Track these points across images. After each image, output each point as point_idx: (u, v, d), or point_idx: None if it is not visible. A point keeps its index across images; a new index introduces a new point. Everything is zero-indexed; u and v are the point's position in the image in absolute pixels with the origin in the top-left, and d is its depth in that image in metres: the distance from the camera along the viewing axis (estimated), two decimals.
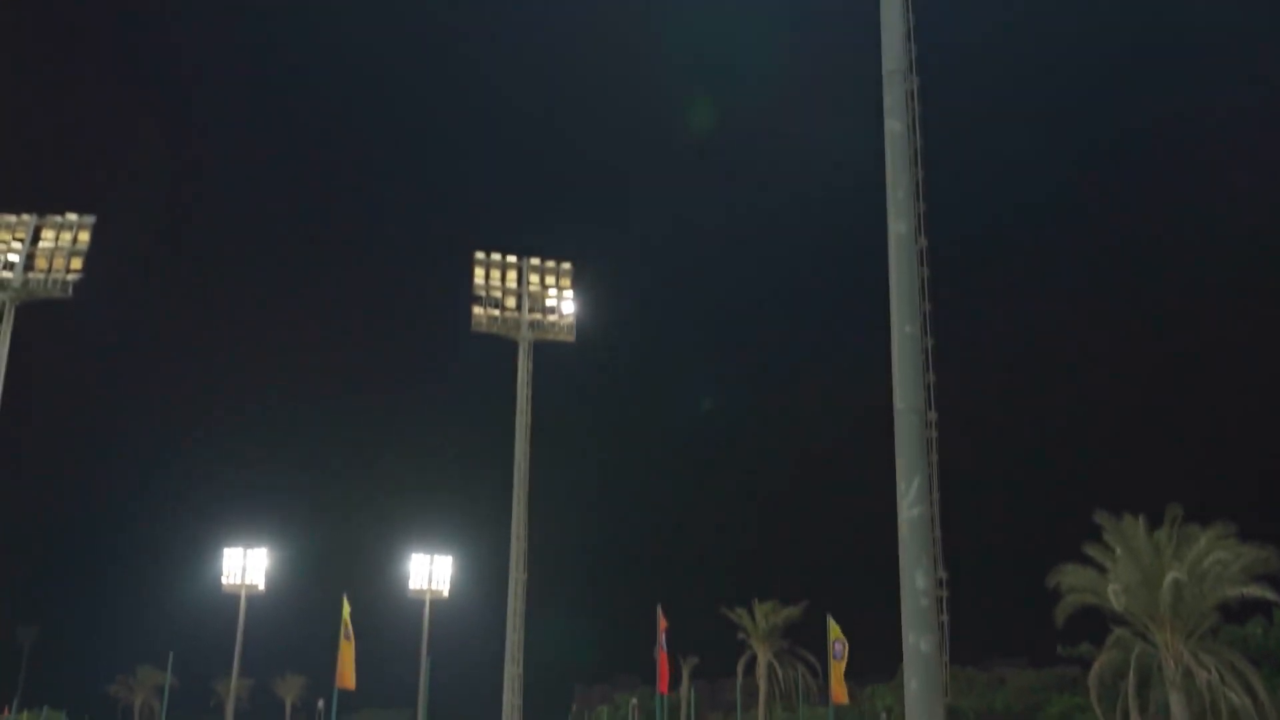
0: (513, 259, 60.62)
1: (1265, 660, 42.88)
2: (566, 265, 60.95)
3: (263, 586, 61.65)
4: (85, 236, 55.81)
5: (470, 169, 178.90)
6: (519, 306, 59.66)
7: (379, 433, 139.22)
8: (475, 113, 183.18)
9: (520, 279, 60.31)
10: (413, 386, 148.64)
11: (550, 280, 60.65)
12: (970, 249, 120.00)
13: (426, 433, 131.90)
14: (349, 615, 49.94)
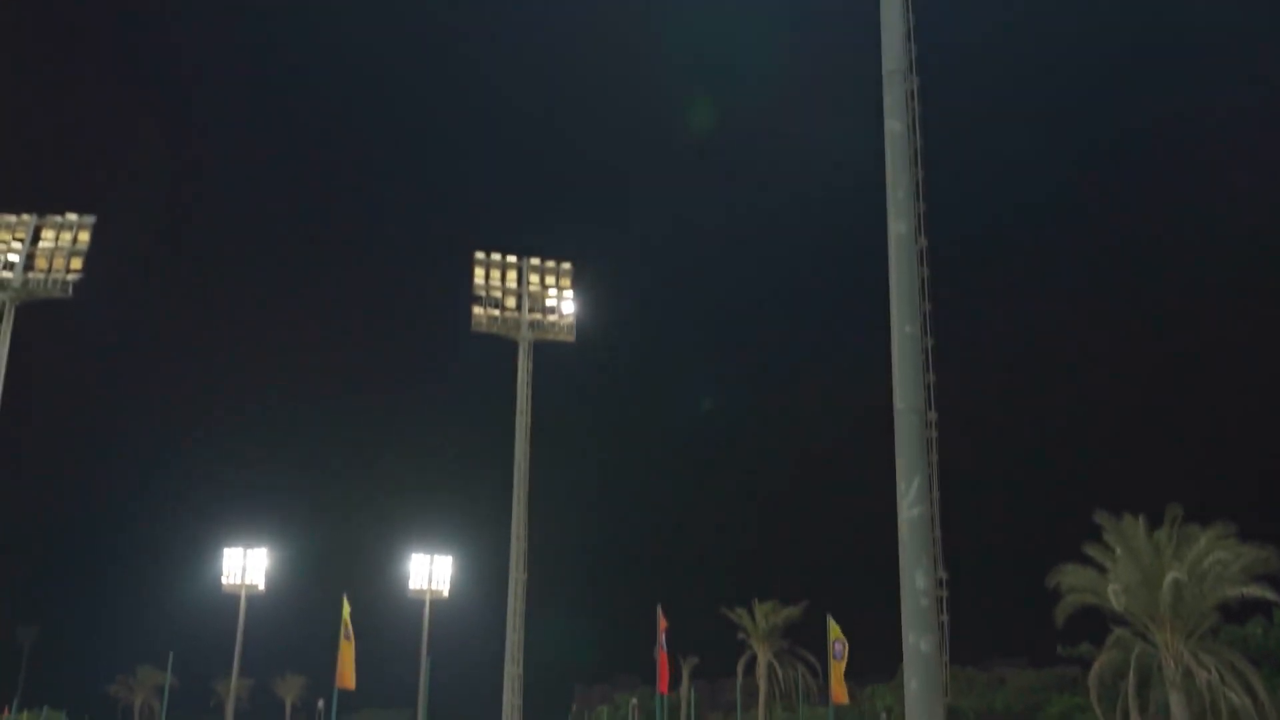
0: (513, 259, 60.62)
1: (1265, 660, 42.87)
2: (566, 265, 60.98)
3: (263, 586, 61.63)
4: (85, 236, 55.82)
5: (470, 169, 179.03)
6: (519, 306, 59.66)
7: (379, 433, 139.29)
8: (475, 113, 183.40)
9: (520, 279, 60.31)
10: (413, 386, 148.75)
11: (550, 280, 60.65)
12: (970, 249, 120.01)
13: (426, 433, 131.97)
14: (349, 615, 49.97)
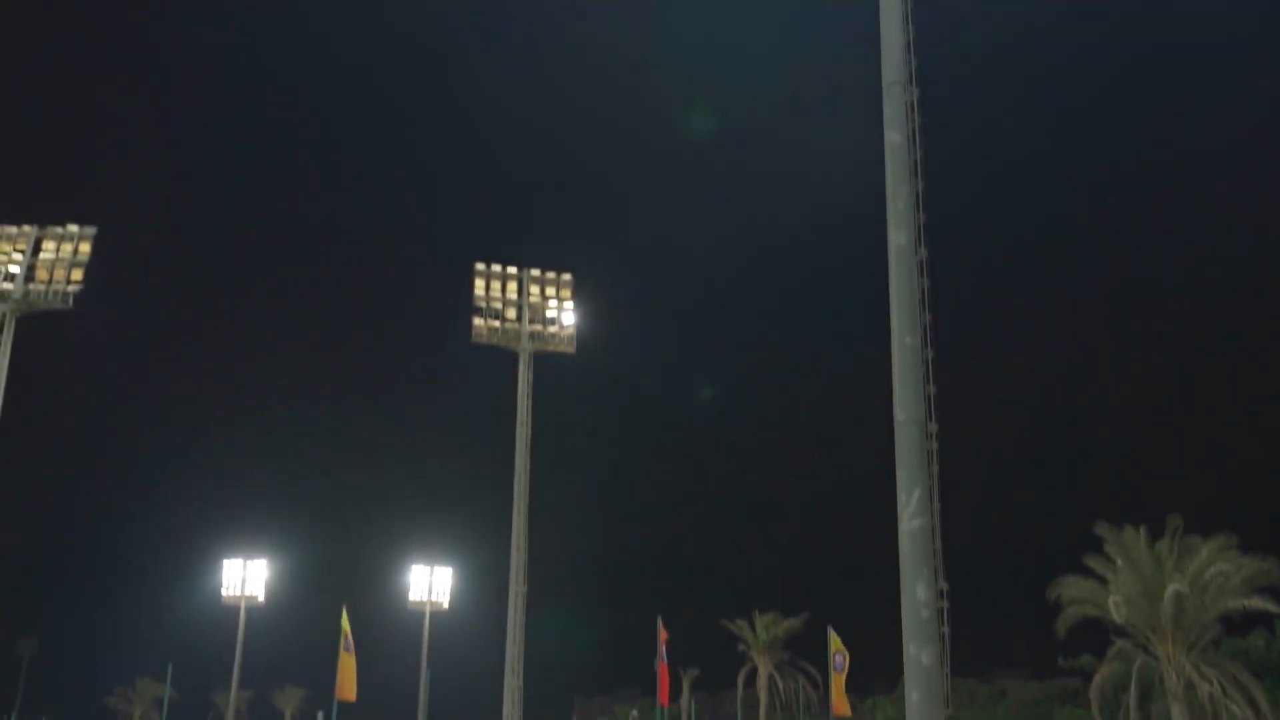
0: (513, 270, 60.63)
1: (1267, 673, 42.68)
2: (567, 276, 60.99)
3: (262, 598, 61.44)
4: (86, 248, 55.81)
5: (470, 179, 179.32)
6: (519, 318, 59.64)
7: (378, 444, 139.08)
8: (475, 123, 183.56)
9: (520, 290, 60.31)
10: (413, 397, 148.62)
11: (550, 291, 60.65)
12: (972, 259, 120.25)
13: (426, 444, 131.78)
14: (349, 627, 49.93)
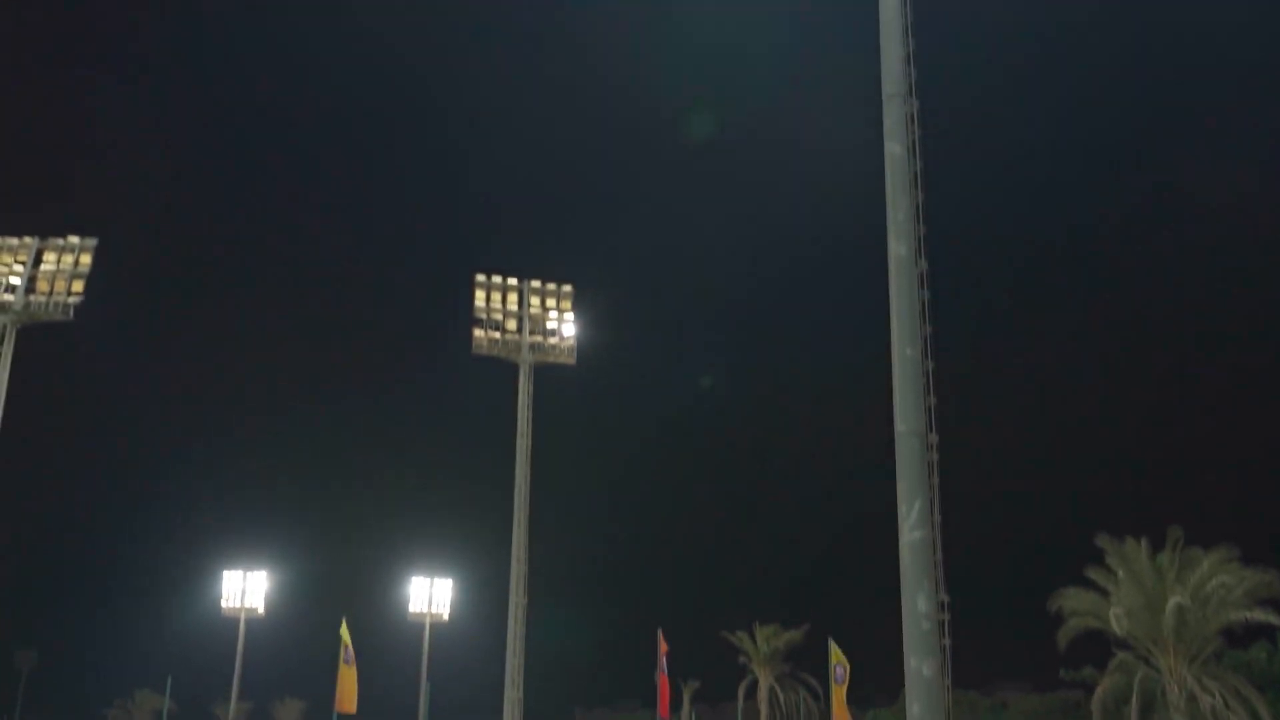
0: (513, 281, 60.60)
1: (1270, 685, 42.62)
2: (567, 288, 60.97)
3: (262, 610, 61.31)
4: (87, 259, 55.74)
5: (470, 190, 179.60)
6: (520, 329, 59.63)
7: (379, 455, 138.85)
8: (475, 134, 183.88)
9: (521, 301, 60.27)
10: (413, 409, 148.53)
11: (551, 303, 60.61)
12: (971, 270, 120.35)
13: (427, 455, 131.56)
14: (349, 639, 49.86)
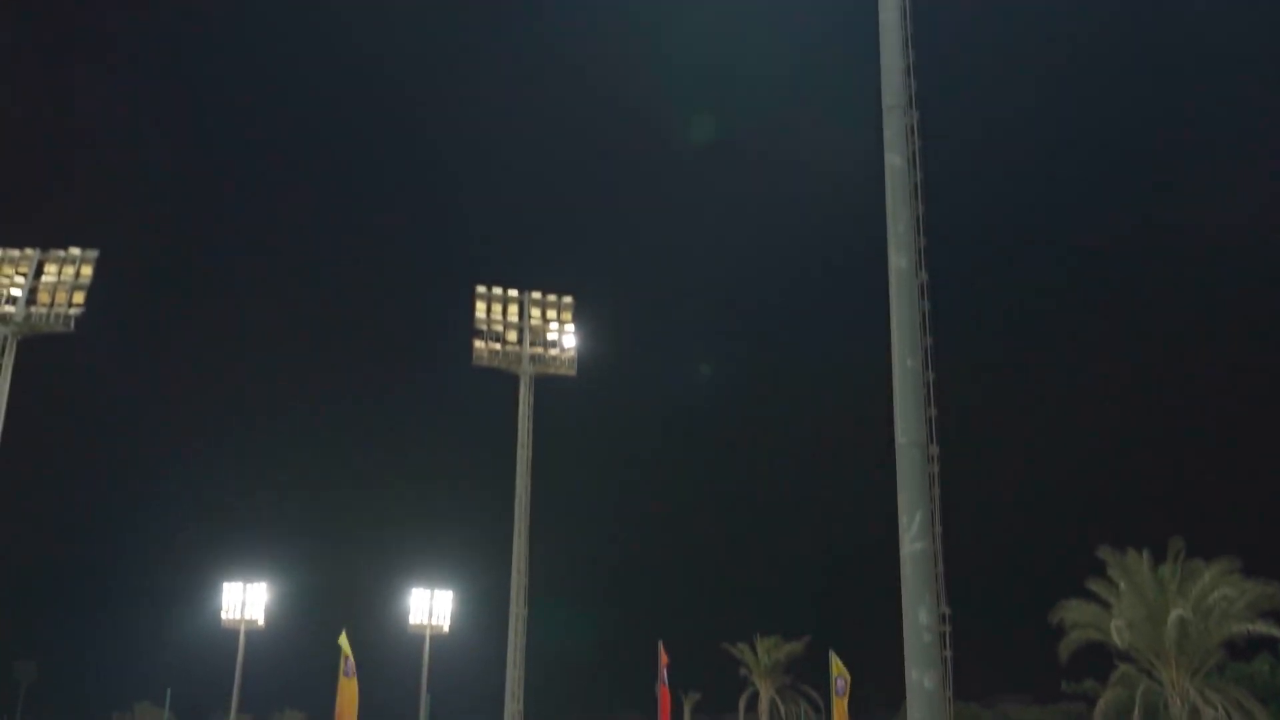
0: (514, 293, 60.63)
1: (1272, 698, 42.48)
2: (568, 299, 60.99)
3: (262, 621, 61.14)
4: (88, 271, 55.78)
5: (472, 201, 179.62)
6: (520, 340, 59.65)
7: (379, 466, 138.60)
8: (477, 146, 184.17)
9: (521, 313, 60.30)
10: (414, 420, 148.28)
11: (551, 314, 60.63)
12: (972, 276, 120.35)
13: (427, 467, 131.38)
14: (349, 650, 49.73)
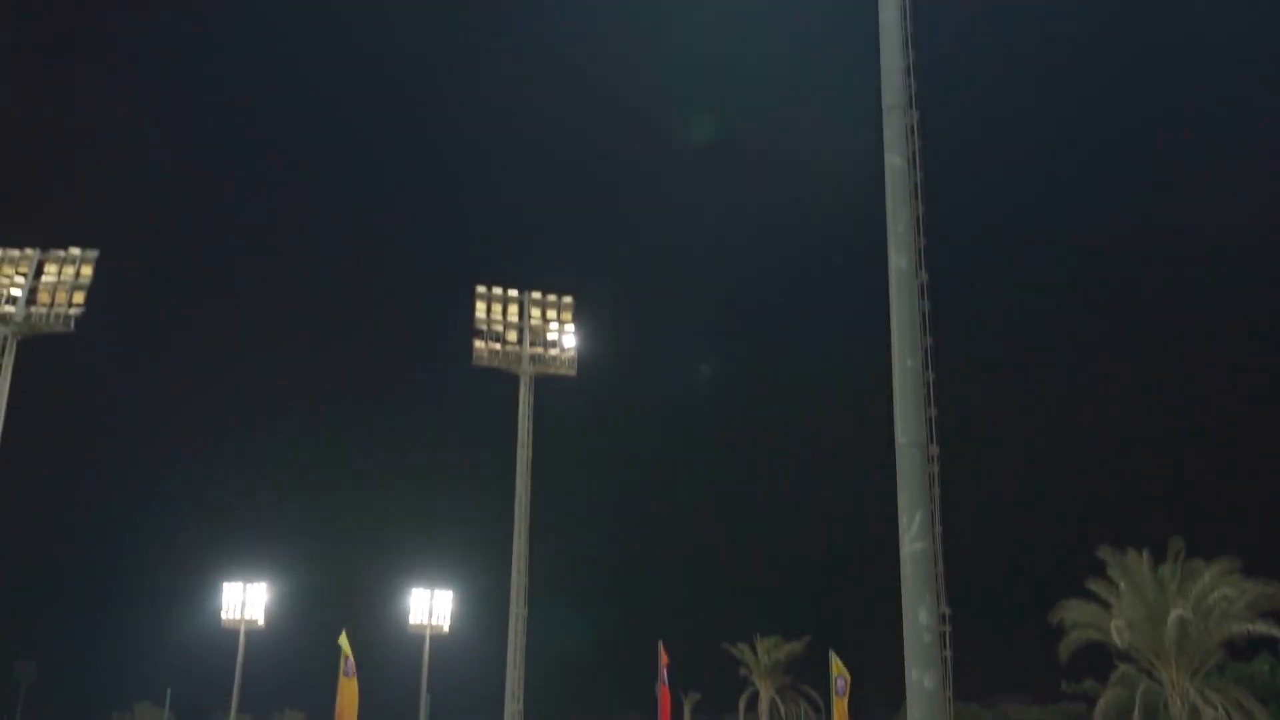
0: (514, 293, 60.63)
1: (1272, 698, 42.47)
2: (568, 299, 60.99)
3: (262, 621, 61.12)
4: (88, 271, 55.76)
5: (472, 201, 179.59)
6: (520, 340, 59.65)
7: (379, 466, 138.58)
8: (477, 146, 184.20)
9: (521, 313, 60.30)
10: (413, 420, 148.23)
11: (551, 314, 60.63)
12: (972, 275, 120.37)
13: (427, 466, 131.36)
14: (349, 650, 49.75)
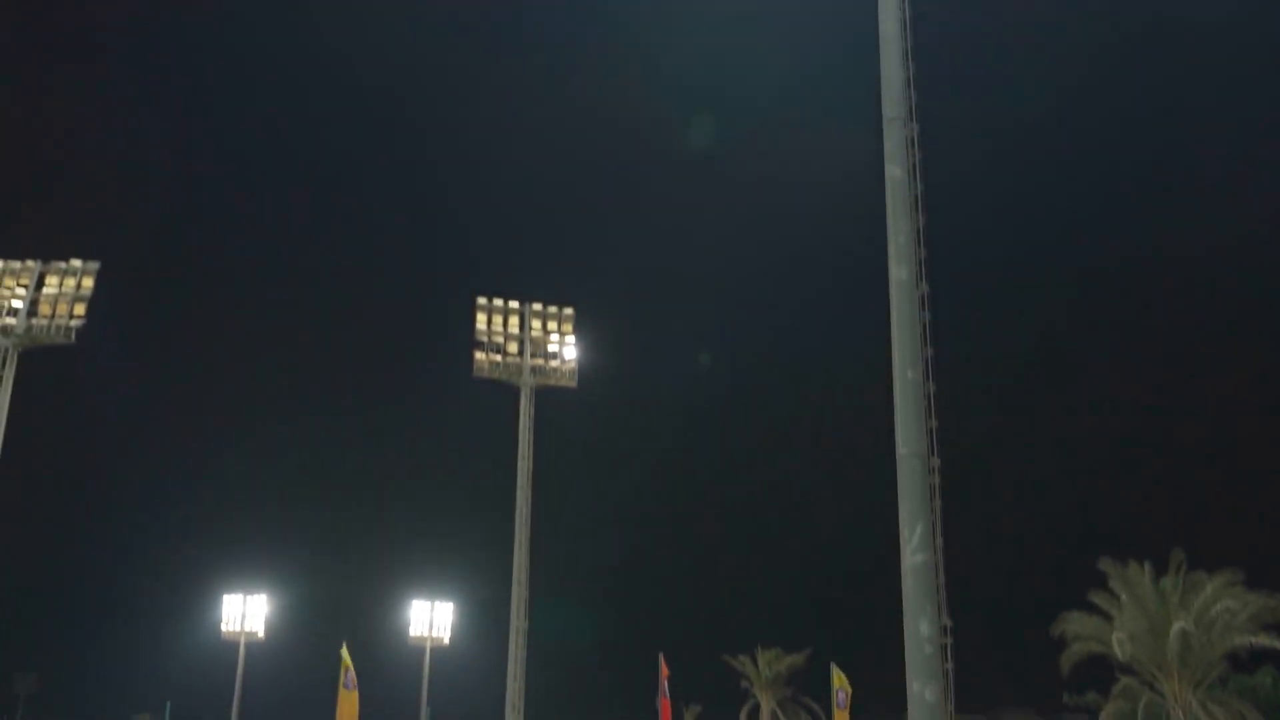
0: (514, 304, 60.66)
1: (1275, 711, 42.31)
2: (568, 310, 61.00)
3: (262, 634, 61.04)
4: (89, 283, 55.79)
5: (471, 213, 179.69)
6: (521, 352, 59.64)
7: (379, 478, 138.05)
8: (477, 156, 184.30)
9: (522, 324, 60.32)
10: (414, 431, 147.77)
11: (552, 325, 60.66)
12: (973, 287, 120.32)
13: (427, 478, 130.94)
14: (350, 662, 49.69)
